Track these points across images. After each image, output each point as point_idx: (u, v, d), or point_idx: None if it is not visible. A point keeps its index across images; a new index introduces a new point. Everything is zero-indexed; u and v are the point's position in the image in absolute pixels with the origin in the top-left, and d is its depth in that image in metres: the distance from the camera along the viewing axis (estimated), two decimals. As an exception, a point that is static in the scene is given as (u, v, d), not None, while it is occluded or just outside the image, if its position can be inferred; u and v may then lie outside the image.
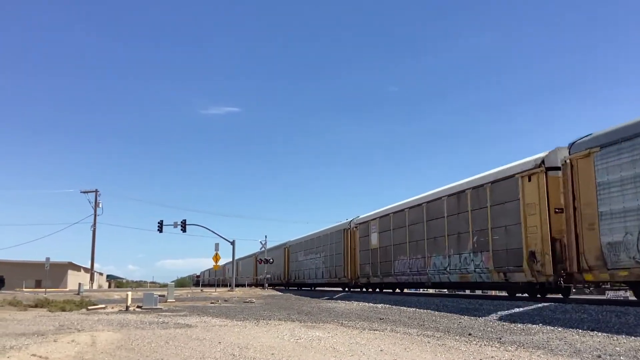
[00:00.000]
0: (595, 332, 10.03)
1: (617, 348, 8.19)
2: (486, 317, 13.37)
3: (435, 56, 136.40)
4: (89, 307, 20.38)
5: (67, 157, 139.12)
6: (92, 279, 58.11)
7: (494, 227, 16.96)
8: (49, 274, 41.92)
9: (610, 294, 25.20)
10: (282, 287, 46.59)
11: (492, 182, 17.24)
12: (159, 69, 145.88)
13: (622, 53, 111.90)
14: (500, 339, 9.52)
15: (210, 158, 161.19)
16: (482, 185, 17.84)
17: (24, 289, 43.39)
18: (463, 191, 18.91)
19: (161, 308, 20.20)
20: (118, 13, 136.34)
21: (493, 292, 26.88)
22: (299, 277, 42.32)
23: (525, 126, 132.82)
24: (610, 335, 9.54)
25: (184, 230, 44.34)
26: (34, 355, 7.88)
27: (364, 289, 30.65)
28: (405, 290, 32.27)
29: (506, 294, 20.65)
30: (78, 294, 32.69)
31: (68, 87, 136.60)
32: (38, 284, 52.08)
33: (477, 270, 17.81)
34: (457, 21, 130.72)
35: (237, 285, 51.90)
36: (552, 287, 15.48)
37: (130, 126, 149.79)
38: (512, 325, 11.71)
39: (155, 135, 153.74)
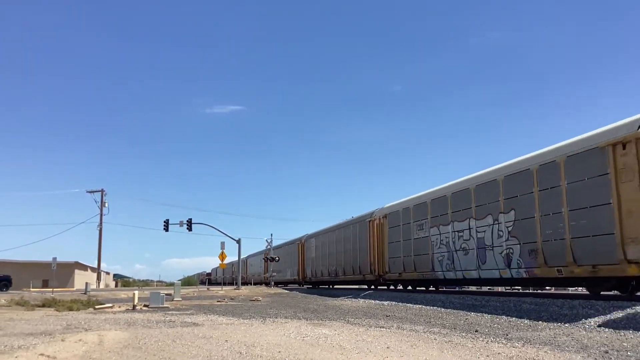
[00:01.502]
0: (602, 327, 10.01)
1: (624, 344, 8.16)
2: (493, 315, 13.35)
3: (438, 55, 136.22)
4: (96, 307, 20.45)
5: (72, 157, 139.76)
6: (98, 278, 58.40)
7: None
8: (56, 273, 42.21)
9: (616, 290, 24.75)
10: (368, 288, 29.94)
11: None
12: (163, 69, 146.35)
13: (627, 48, 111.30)
14: (507, 335, 9.51)
15: (214, 157, 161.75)
16: None
17: (31, 289, 43.67)
18: None
19: (168, 307, 20.25)
20: (122, 14, 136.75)
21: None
22: (424, 266, 22.64)
23: (530, 124, 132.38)
24: (617, 330, 9.52)
25: (189, 229, 44.53)
26: (41, 354, 7.91)
27: None
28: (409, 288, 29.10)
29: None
30: (85, 293, 32.83)
31: (72, 88, 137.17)
32: (45, 284, 52.44)
33: None
34: (461, 20, 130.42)
35: (276, 284, 51.08)
36: None
37: (135, 126, 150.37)
38: (519, 321, 11.70)
39: (160, 135, 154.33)
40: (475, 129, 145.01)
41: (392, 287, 28.87)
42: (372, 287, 30.67)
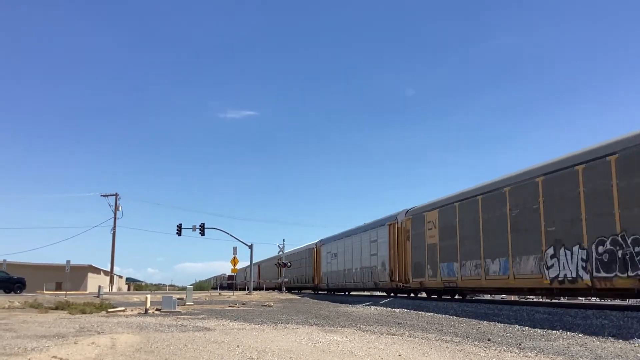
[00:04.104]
0: (616, 338, 9.90)
1: (638, 354, 8.08)
2: (506, 324, 13.25)
3: (452, 59, 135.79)
4: (109, 310, 20.56)
5: (87, 161, 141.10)
6: (111, 281, 58.78)
7: None
8: (70, 276, 42.47)
9: (631, 300, 24.67)
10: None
11: None
12: (178, 74, 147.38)
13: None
14: (520, 344, 9.44)
15: (228, 161, 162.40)
16: None
17: (45, 292, 44.06)
18: None
19: (180, 311, 20.31)
20: (139, 22, 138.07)
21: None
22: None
23: (546, 128, 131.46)
24: (631, 341, 9.41)
25: (202, 233, 44.67)
26: (54, 357, 7.98)
27: None
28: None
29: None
30: (98, 296, 33.06)
31: (88, 93, 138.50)
32: (59, 287, 52.82)
33: None
34: (476, 24, 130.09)
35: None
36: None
37: (150, 130, 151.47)
38: (532, 330, 11.60)
39: (174, 139, 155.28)
40: (492, 133, 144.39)
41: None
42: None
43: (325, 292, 40.94)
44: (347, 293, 37.81)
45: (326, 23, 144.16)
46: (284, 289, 47.58)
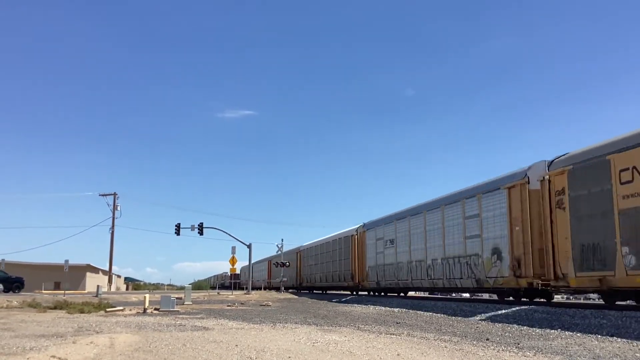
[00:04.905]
0: (614, 337, 9.91)
1: (637, 354, 8.09)
2: (504, 323, 13.26)
3: (452, 59, 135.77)
4: (107, 310, 20.54)
5: (86, 160, 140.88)
6: (110, 281, 58.68)
7: None
8: (68, 276, 42.44)
9: (630, 300, 24.66)
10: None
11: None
12: (176, 73, 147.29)
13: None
14: (518, 344, 9.45)
15: (227, 161, 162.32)
16: None
17: (43, 291, 43.95)
18: None
19: (178, 311, 20.30)
20: (139, 22, 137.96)
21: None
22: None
23: (546, 128, 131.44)
24: (630, 341, 9.43)
25: (201, 233, 44.63)
26: (53, 356, 7.96)
27: None
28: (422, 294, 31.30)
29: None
30: (96, 296, 33.01)
31: (87, 92, 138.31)
32: (57, 286, 52.71)
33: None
34: (475, 24, 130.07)
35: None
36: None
37: (148, 130, 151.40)
38: (530, 330, 11.61)
39: (173, 139, 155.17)
40: (490, 135, 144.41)
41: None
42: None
43: (369, 293, 32.06)
44: (400, 294, 28.76)
45: (326, 23, 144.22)
46: (283, 289, 47.53)
